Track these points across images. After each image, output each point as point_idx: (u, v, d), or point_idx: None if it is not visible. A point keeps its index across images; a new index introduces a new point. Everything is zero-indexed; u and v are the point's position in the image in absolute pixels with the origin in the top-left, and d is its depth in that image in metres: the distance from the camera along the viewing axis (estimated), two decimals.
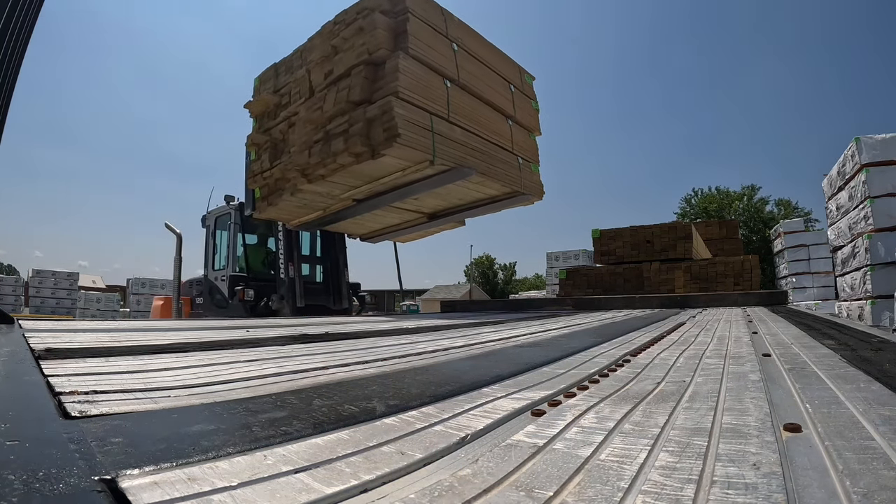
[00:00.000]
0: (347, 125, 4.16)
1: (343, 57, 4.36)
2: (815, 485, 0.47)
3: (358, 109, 4.12)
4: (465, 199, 5.56)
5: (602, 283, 8.67)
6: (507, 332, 2.45)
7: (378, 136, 3.97)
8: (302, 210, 5.61)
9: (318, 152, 4.43)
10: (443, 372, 1.21)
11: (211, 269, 6.95)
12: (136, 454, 0.52)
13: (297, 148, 4.74)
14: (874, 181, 6.07)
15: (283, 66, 5.38)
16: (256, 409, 0.77)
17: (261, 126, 5.56)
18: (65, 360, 1.18)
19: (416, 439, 0.63)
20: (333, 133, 4.28)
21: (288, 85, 5.18)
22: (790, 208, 24.72)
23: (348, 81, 4.25)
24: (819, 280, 12.60)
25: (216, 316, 6.08)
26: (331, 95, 4.40)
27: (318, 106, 4.50)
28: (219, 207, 7.09)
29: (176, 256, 5.91)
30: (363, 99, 4.13)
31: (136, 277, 15.94)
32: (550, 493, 0.46)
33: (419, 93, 4.16)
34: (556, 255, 16.00)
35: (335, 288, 6.91)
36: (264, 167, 5.36)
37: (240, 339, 1.92)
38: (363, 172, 4.50)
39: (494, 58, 5.30)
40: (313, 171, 4.57)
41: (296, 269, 6.23)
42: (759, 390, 0.92)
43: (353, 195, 5.16)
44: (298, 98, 4.94)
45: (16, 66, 3.17)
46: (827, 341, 1.72)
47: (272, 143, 5.31)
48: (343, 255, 7.14)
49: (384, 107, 3.93)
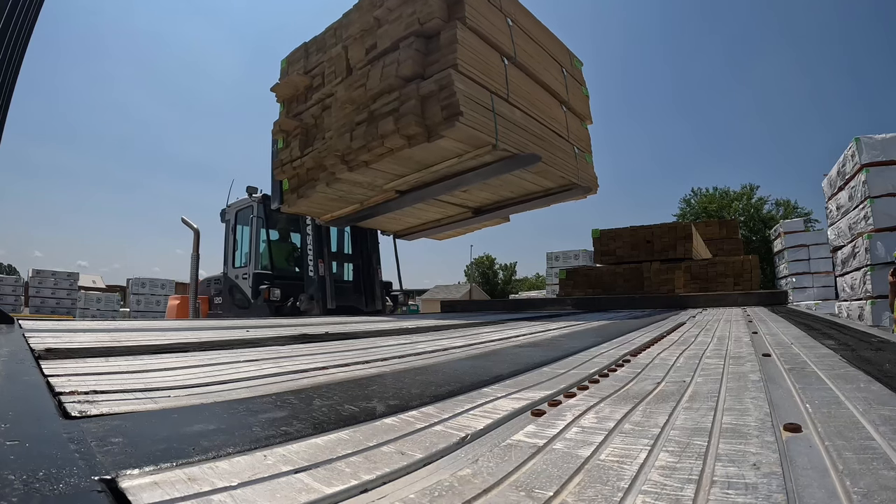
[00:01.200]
0: (398, 103, 3.68)
1: (388, 29, 3.93)
2: (815, 485, 0.47)
3: (409, 86, 3.67)
4: (517, 191, 5.07)
5: (602, 283, 8.66)
6: (507, 332, 2.45)
7: (435, 115, 3.52)
8: (336, 203, 5.14)
9: (361, 135, 3.93)
10: (443, 372, 1.21)
11: (231, 266, 6.48)
12: (136, 454, 0.52)
13: (335, 131, 4.26)
14: (874, 181, 6.07)
15: (314, 45, 4.91)
16: (256, 409, 0.77)
17: (289, 110, 5.09)
18: (65, 360, 1.18)
19: (416, 439, 0.63)
20: (380, 113, 3.81)
21: (321, 65, 4.72)
22: (790, 208, 24.71)
23: (395, 55, 3.80)
24: (819, 280, 12.61)
25: (238, 317, 5.65)
26: (375, 71, 3.92)
27: (361, 83, 4.03)
28: (240, 200, 6.60)
29: (193, 253, 5.55)
30: (414, 74, 3.68)
31: (136, 277, 15.93)
32: (550, 493, 0.46)
33: (478, 68, 3.72)
34: (556, 255, 16.01)
35: (368, 288, 6.44)
36: (294, 155, 4.87)
37: (240, 339, 1.92)
38: (413, 158, 4.01)
39: (546, 38, 4.85)
40: (355, 157, 4.07)
41: (326, 266, 5.81)
42: (759, 390, 0.92)
43: (397, 186, 4.64)
44: (334, 78, 4.49)
45: (16, 66, 3.17)
46: (827, 341, 1.72)
47: (303, 129, 4.84)
48: (376, 252, 6.67)
49: (442, 81, 3.48)
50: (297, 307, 5.61)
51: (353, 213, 5.34)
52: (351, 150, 4.03)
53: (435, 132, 3.55)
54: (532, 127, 4.21)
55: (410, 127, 3.55)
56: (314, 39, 4.92)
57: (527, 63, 4.35)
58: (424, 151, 3.83)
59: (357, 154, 4.02)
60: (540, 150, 4.19)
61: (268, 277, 5.81)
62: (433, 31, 3.69)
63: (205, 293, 6.47)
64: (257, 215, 6.18)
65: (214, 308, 6.46)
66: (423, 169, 4.22)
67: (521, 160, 4.01)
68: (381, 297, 6.51)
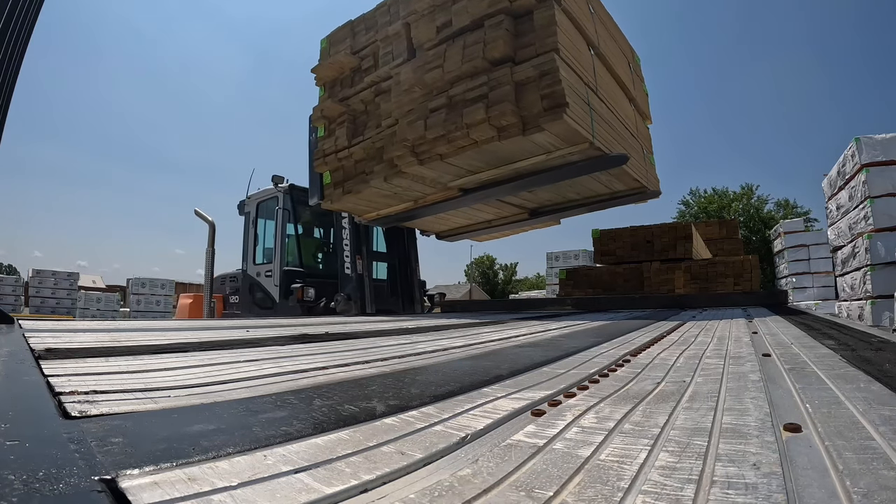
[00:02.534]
0: (486, 88, 3.29)
1: (468, 5, 3.51)
2: (815, 485, 0.47)
3: (499, 69, 3.30)
4: (583, 193, 4.67)
5: (602, 283, 8.66)
6: (507, 332, 2.45)
7: (533, 105, 3.16)
8: (387, 200, 4.63)
9: (439, 123, 3.49)
10: (443, 372, 1.21)
11: (251, 262, 5.94)
12: (136, 454, 0.52)
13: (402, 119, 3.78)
14: (874, 181, 6.06)
15: (363, 23, 4.44)
16: (256, 409, 0.77)
17: (332, 94, 4.57)
18: (65, 360, 1.18)
19: (416, 439, 0.63)
20: (462, 99, 3.40)
21: (373, 44, 4.25)
22: (790, 208, 24.70)
23: (479, 35, 3.40)
24: (819, 280, 12.60)
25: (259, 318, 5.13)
26: (453, 51, 3.50)
27: (435, 65, 3.59)
28: (262, 191, 6.02)
29: (208, 248, 5.01)
30: (504, 56, 3.31)
31: (136, 277, 15.92)
32: (550, 493, 0.46)
33: (573, 55, 3.37)
34: (556, 255, 16.00)
35: (406, 289, 5.92)
36: (339, 145, 4.40)
37: (240, 339, 1.92)
38: (497, 153, 3.61)
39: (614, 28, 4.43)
40: (430, 149, 3.61)
41: (364, 264, 5.31)
42: (759, 390, 0.92)
43: (465, 183, 4.18)
44: (391, 59, 4.03)
45: (16, 66, 3.17)
46: (827, 341, 1.72)
47: (351, 116, 4.37)
48: (414, 250, 6.11)
49: (544, 66, 3.12)
50: (330, 308, 5.17)
51: (403, 212, 4.84)
52: (424, 141, 3.58)
53: (533, 124, 3.17)
54: (615, 123, 3.89)
55: (505, 116, 3.17)
56: (362, 17, 4.48)
57: (606, 54, 4.01)
58: (513, 145, 3.43)
59: (432, 145, 3.56)
60: (622, 149, 3.86)
61: (299, 275, 5.36)
62: (522, 11, 3.33)
63: (218, 291, 5.99)
64: (284, 207, 5.62)
65: (230, 307, 6.01)
66: (502, 165, 3.80)
67: (610, 160, 3.66)
68: (420, 298, 6.07)
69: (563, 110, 3.02)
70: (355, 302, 5.17)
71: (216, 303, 5.61)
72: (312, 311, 5.15)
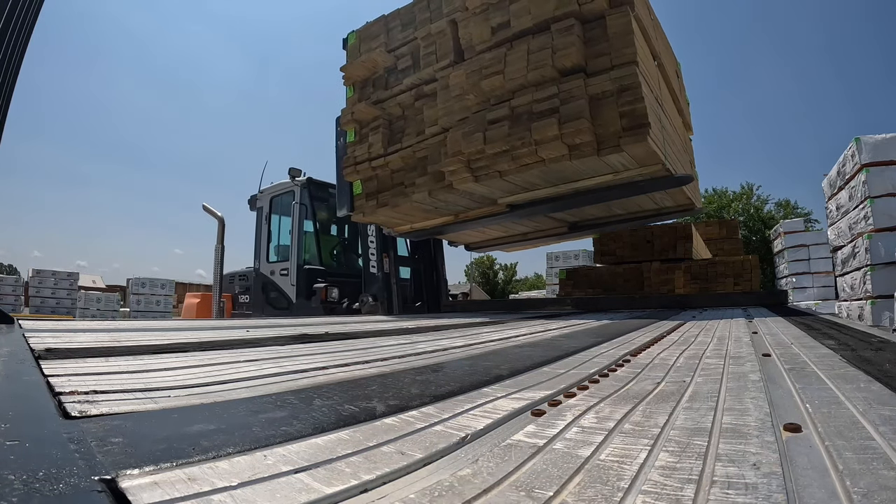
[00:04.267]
0: (558, 101, 2.98)
1: (530, 5, 3.16)
2: (815, 485, 0.47)
3: (571, 81, 2.98)
4: (630, 208, 4.42)
5: (602, 283, 8.65)
6: (507, 332, 2.45)
7: (610, 123, 2.87)
8: (426, 214, 4.26)
9: (501, 137, 3.14)
10: (443, 371, 1.21)
11: (264, 260, 5.68)
12: (136, 454, 0.52)
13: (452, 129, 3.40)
14: (874, 181, 6.06)
15: (398, 18, 4.08)
16: (256, 409, 0.77)
17: (363, 96, 4.20)
18: (65, 360, 1.18)
19: (416, 439, 0.63)
20: (531, 112, 3.07)
21: (412, 42, 3.90)
22: (790, 208, 24.70)
23: (546, 40, 3.06)
24: (819, 280, 12.60)
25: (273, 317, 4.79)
26: (515, 57, 3.15)
27: (494, 70, 3.24)
28: (277, 185, 5.70)
29: (217, 245, 4.78)
30: (575, 66, 3.01)
31: (136, 277, 15.92)
32: (550, 493, 0.46)
33: (646, 67, 3.07)
34: (556, 255, 15.99)
35: (432, 291, 5.67)
36: (374, 153, 4.04)
37: (240, 339, 1.92)
38: (562, 172, 3.28)
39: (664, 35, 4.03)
40: (489, 165, 3.26)
41: (391, 263, 5.02)
42: (759, 390, 0.92)
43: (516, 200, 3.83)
44: (435, 60, 3.69)
45: (16, 66, 3.17)
46: (827, 341, 1.72)
47: (386, 121, 4.02)
48: (440, 250, 5.81)
49: (625, 80, 2.84)
50: (353, 309, 4.90)
51: (439, 226, 4.48)
52: (483, 156, 3.23)
53: (610, 144, 2.87)
54: (675, 139, 3.61)
55: (581, 134, 2.84)
56: (397, 12, 4.12)
57: (665, 63, 3.71)
58: (581, 164, 3.12)
59: (492, 161, 3.20)
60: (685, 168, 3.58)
61: (320, 274, 5.10)
62: (592, 16, 3.03)
63: (227, 290, 5.74)
64: (301, 202, 5.32)
65: (239, 307, 5.78)
66: (562, 183, 3.46)
67: (675, 181, 3.35)
68: (446, 299, 5.88)
69: (646, 131, 2.77)
70: (381, 303, 4.92)
71: (225, 302, 5.38)
72: (334, 312, 4.90)
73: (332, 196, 5.48)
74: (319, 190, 5.55)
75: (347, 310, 4.91)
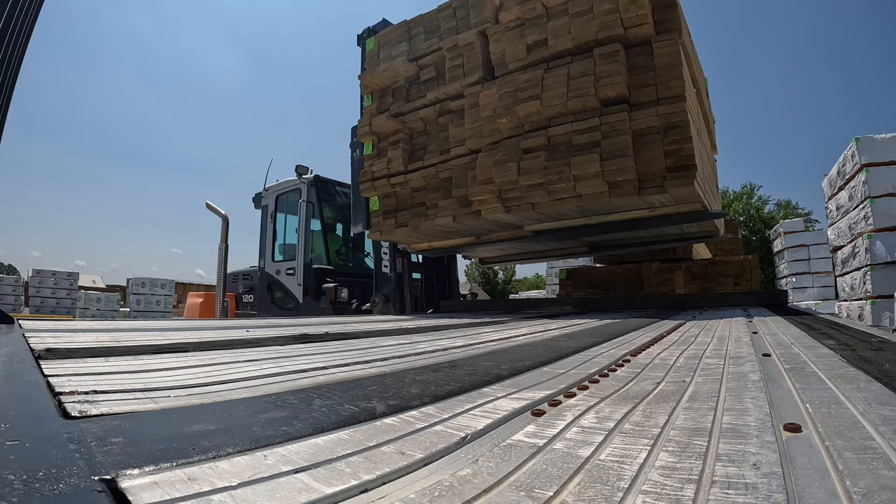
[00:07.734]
0: (599, 134, 2.72)
1: (571, 25, 2.86)
2: (815, 485, 0.47)
3: (614, 113, 2.74)
4: (655, 233, 4.24)
5: (602, 283, 8.64)
6: (507, 332, 2.45)
7: (654, 162, 2.63)
8: (447, 235, 4.10)
9: (538, 168, 2.87)
10: (443, 371, 1.21)
11: (269, 259, 5.58)
12: (136, 454, 0.52)
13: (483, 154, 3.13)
14: (874, 181, 6.06)
15: (421, 25, 3.80)
16: (256, 408, 0.77)
17: (382, 106, 3.94)
18: (65, 360, 1.18)
19: (416, 439, 0.63)
20: (569, 143, 2.81)
21: (436, 52, 3.65)
22: (790, 208, 24.70)
23: (588, 65, 2.79)
24: (819, 280, 12.60)
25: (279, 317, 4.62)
26: (554, 81, 2.85)
27: (532, 94, 2.92)
28: (283, 182, 5.59)
29: (221, 243, 4.70)
30: (619, 96, 2.76)
31: (136, 277, 15.93)
32: (550, 493, 0.46)
33: (690, 100, 2.80)
34: None
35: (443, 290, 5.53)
36: (393, 169, 3.82)
37: (240, 339, 1.92)
38: (598, 207, 3.04)
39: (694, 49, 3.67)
40: (522, 196, 2.98)
41: (404, 264, 4.89)
42: (759, 390, 0.92)
43: (545, 227, 3.58)
44: (461, 74, 3.44)
45: (16, 66, 3.17)
46: (827, 341, 1.72)
47: (407, 136, 3.79)
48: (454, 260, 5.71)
49: (672, 118, 2.60)
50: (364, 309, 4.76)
51: (458, 246, 4.32)
52: (516, 186, 2.95)
53: (653, 185, 2.62)
54: (709, 169, 3.36)
55: (623, 172, 2.61)
56: (420, 18, 3.85)
57: (701, 88, 3.45)
58: (621, 202, 2.88)
59: (526, 193, 2.93)
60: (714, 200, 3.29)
61: (328, 274, 4.97)
62: (637, 41, 2.77)
63: (230, 290, 5.66)
64: (308, 200, 5.22)
65: (243, 307, 5.71)
66: (595, 216, 3.22)
67: (709, 215, 3.15)
68: (457, 299, 5.79)
69: (693, 173, 2.56)
70: (393, 304, 4.80)
71: (229, 302, 5.28)
72: (344, 313, 4.79)
73: (339, 194, 5.43)
74: (327, 188, 5.47)
75: (357, 310, 4.79)
